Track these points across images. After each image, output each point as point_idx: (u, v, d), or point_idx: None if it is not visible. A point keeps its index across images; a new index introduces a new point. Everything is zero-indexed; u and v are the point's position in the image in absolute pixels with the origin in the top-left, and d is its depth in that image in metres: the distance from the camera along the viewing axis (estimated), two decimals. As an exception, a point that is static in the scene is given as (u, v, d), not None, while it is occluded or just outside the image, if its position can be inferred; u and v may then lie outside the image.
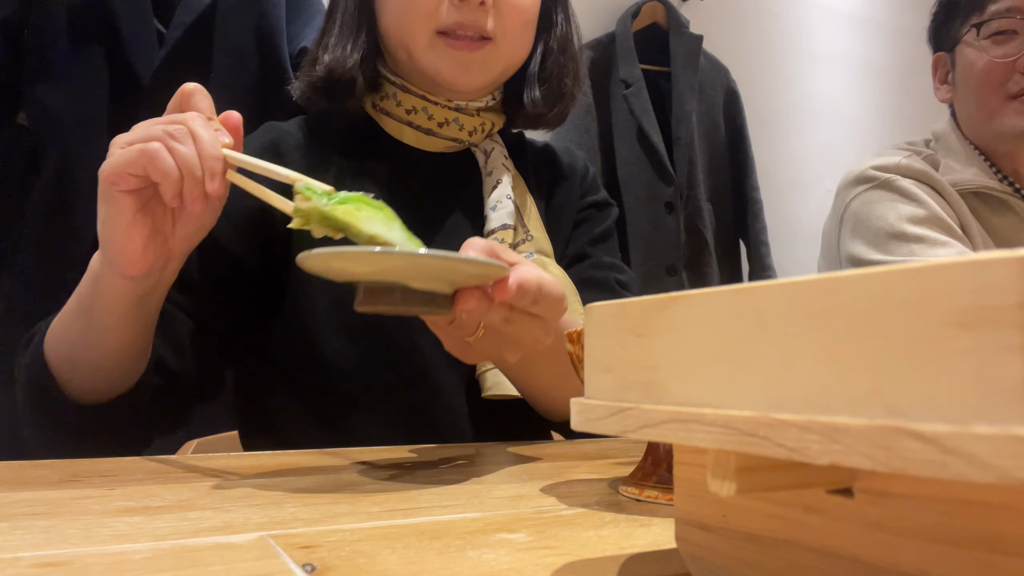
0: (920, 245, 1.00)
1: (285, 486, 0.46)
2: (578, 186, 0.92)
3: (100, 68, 1.00)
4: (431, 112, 0.80)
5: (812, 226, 2.40)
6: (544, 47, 0.85)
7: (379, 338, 0.74)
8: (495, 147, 0.84)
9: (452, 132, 0.81)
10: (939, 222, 1.03)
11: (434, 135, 0.81)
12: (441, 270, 0.44)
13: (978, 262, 0.15)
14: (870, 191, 1.08)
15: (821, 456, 0.18)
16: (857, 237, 1.07)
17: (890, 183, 1.07)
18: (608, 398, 0.26)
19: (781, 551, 0.24)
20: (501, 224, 0.78)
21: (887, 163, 1.09)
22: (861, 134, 2.53)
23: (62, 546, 0.31)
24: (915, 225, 1.02)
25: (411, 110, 0.80)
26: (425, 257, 0.42)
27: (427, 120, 0.80)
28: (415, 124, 0.81)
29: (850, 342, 0.18)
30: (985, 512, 0.18)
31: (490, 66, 0.78)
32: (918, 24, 2.87)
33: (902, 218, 1.03)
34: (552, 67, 0.85)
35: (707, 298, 0.23)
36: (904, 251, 1.01)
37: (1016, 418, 0.14)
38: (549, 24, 0.85)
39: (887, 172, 1.08)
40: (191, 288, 0.70)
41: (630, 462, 0.58)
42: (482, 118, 0.83)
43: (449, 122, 0.81)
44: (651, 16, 1.97)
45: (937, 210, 1.04)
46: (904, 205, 1.04)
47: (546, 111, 0.85)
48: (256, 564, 0.29)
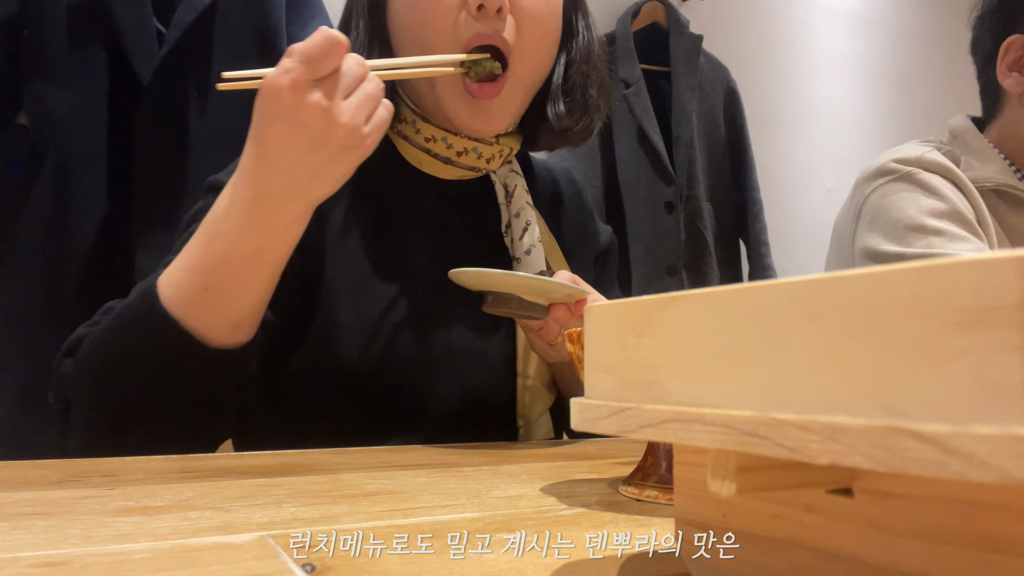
0: (939, 238, 0.98)
1: (285, 486, 0.46)
2: (589, 226, 0.93)
3: (100, 68, 1.00)
4: (451, 142, 0.78)
5: (812, 226, 2.40)
6: (567, 57, 0.82)
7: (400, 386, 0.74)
8: (517, 182, 0.82)
9: (471, 161, 0.80)
10: (959, 217, 1.01)
11: (452, 164, 0.80)
12: (544, 289, 0.67)
13: (978, 262, 0.15)
14: (890, 183, 1.06)
15: (821, 456, 0.18)
16: (874, 230, 1.05)
17: (912, 176, 1.04)
18: (608, 398, 0.26)
19: (781, 551, 0.24)
20: (538, 270, 0.78)
21: (908, 156, 1.06)
22: (861, 134, 2.53)
23: (62, 546, 0.31)
24: (935, 219, 1.00)
25: (430, 139, 0.78)
26: (534, 279, 0.66)
27: (446, 149, 0.78)
28: (434, 152, 0.79)
29: (850, 342, 0.18)
30: (985, 512, 0.18)
31: (509, 103, 0.76)
32: (918, 24, 2.87)
33: (922, 211, 1.01)
34: (576, 77, 0.81)
35: (707, 298, 0.23)
36: (922, 244, 0.99)
37: (1016, 418, 0.14)
38: (571, 33, 0.82)
39: (908, 165, 1.05)
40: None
41: (630, 462, 0.58)
42: (500, 145, 0.81)
43: (468, 151, 0.79)
44: (651, 16, 1.97)
45: (958, 205, 1.01)
46: (925, 198, 1.02)
47: (572, 125, 0.81)
48: (256, 564, 0.29)
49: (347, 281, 0.74)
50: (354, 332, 0.72)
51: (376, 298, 0.74)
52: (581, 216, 0.93)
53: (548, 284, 0.66)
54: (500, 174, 0.83)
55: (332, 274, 0.74)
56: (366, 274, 0.75)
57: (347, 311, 0.73)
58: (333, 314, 0.73)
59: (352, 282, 0.74)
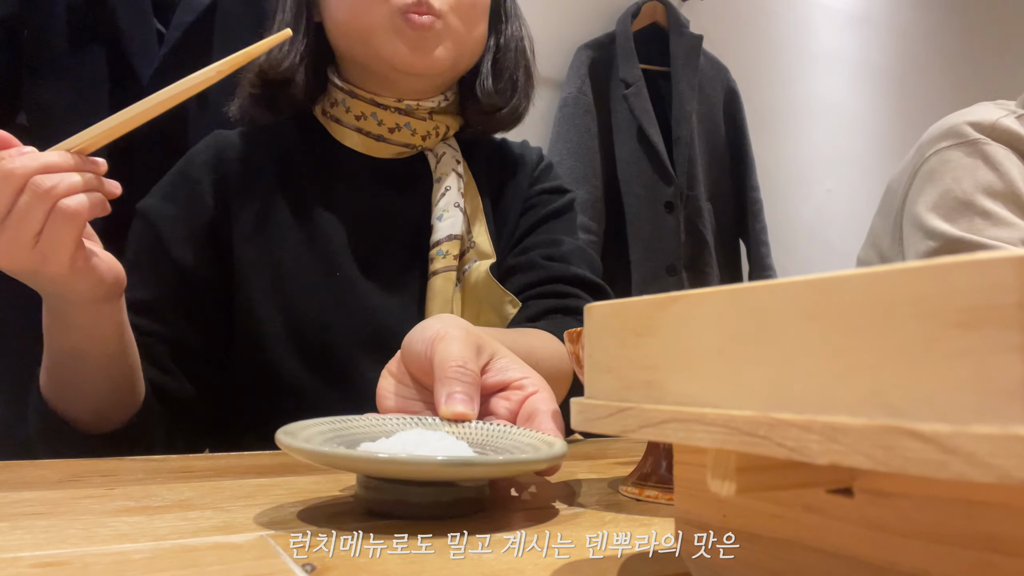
0: (984, 221, 0.96)
1: (285, 486, 0.46)
2: (528, 176, 0.90)
3: (100, 68, 1.00)
4: (381, 117, 0.79)
5: (812, 226, 2.41)
6: (495, 41, 0.85)
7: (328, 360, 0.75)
8: (447, 150, 0.83)
9: (403, 137, 0.80)
10: (1015, 199, 0.98)
11: (385, 141, 0.80)
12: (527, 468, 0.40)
13: (978, 262, 0.15)
14: (954, 149, 1.02)
15: (821, 456, 0.18)
16: (925, 196, 1.02)
17: (978, 144, 1.00)
18: (608, 398, 0.26)
19: (781, 551, 0.24)
20: (447, 235, 0.78)
21: (983, 120, 1.02)
22: (861, 134, 2.54)
23: (62, 546, 0.31)
24: (988, 198, 0.97)
25: (360, 116, 0.79)
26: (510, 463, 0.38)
27: (377, 126, 0.79)
28: (365, 130, 0.80)
29: (850, 342, 0.18)
30: (985, 512, 0.18)
31: (442, 43, 0.76)
32: (918, 24, 2.87)
33: (978, 187, 0.98)
34: (503, 61, 0.84)
35: (707, 298, 0.23)
36: (965, 225, 0.97)
37: (1016, 418, 0.14)
38: (499, 19, 0.85)
39: (980, 131, 1.01)
40: (154, 311, 0.72)
41: (630, 462, 0.58)
42: (435, 121, 0.81)
43: (400, 127, 0.80)
44: (651, 16, 1.97)
45: (1017, 185, 0.98)
46: (985, 172, 0.99)
47: (500, 104, 0.83)
48: (256, 564, 0.29)
49: (263, 275, 0.76)
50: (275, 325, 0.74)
51: (296, 284, 0.76)
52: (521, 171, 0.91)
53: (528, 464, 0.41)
54: (436, 152, 0.83)
55: (246, 272, 0.75)
56: (284, 264, 0.76)
57: (264, 306, 0.75)
58: (253, 311, 0.75)
59: (269, 275, 0.76)
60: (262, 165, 0.79)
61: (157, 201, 0.76)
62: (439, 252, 0.78)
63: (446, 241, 0.78)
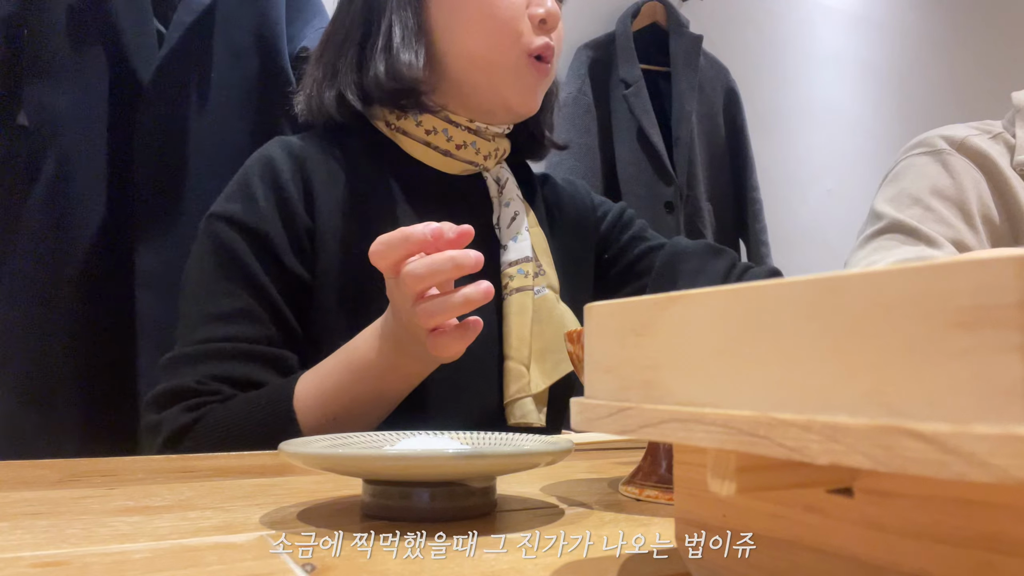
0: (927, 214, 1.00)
1: (285, 486, 0.46)
2: (591, 212, 0.95)
3: (100, 68, 1.00)
4: (451, 134, 0.81)
5: (812, 226, 2.41)
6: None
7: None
8: (509, 177, 0.86)
9: (468, 155, 0.82)
10: (962, 206, 1.02)
11: (451, 157, 0.82)
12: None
13: (978, 262, 0.15)
14: (921, 156, 1.07)
15: (821, 456, 0.18)
16: (885, 192, 1.08)
17: (942, 154, 1.06)
18: (608, 398, 0.26)
19: (781, 551, 0.24)
20: (523, 256, 0.80)
21: (955, 135, 1.07)
22: (861, 134, 2.54)
23: (62, 546, 0.31)
24: (937, 198, 1.02)
25: (431, 131, 0.81)
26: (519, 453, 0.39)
27: (446, 141, 0.81)
28: (433, 145, 0.82)
29: (850, 342, 0.18)
30: (985, 512, 0.18)
31: (543, 89, 0.82)
32: (918, 24, 2.87)
33: (931, 188, 1.03)
34: (551, 96, 0.90)
35: (707, 298, 0.23)
36: (908, 212, 1.01)
37: (1016, 418, 0.14)
38: None
39: (950, 144, 1.06)
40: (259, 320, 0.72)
41: (630, 462, 0.58)
42: (496, 143, 0.84)
43: (467, 145, 0.82)
44: (651, 16, 1.97)
45: (969, 195, 1.02)
46: (942, 178, 1.04)
47: (550, 133, 0.90)
48: (256, 564, 0.29)
49: (337, 285, 0.76)
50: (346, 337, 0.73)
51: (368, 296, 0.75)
52: (581, 210, 0.95)
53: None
54: (493, 172, 0.86)
55: (322, 280, 0.76)
56: (359, 274, 0.76)
57: (335, 313, 0.75)
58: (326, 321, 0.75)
59: (344, 285, 0.76)
60: (337, 175, 0.80)
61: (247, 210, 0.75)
62: (519, 271, 0.79)
63: (523, 262, 0.79)
